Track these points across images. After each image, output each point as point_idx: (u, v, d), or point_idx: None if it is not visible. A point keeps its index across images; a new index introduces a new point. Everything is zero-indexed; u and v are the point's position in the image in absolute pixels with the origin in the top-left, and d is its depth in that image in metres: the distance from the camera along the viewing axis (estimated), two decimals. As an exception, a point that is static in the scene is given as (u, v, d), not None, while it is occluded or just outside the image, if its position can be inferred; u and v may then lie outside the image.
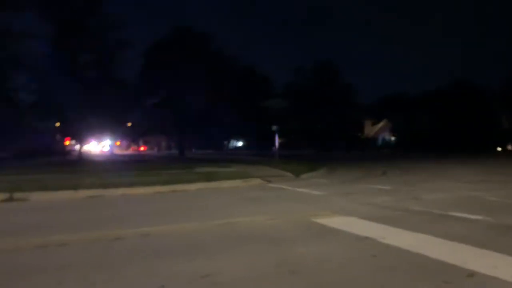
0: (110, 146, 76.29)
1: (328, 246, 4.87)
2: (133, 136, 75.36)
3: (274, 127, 26.13)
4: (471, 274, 3.74)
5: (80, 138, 38.34)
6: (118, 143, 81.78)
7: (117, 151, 73.88)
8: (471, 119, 46.42)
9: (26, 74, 29.89)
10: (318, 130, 62.24)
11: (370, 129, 71.25)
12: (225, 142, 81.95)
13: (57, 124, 40.31)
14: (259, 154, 45.43)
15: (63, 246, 4.99)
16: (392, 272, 3.88)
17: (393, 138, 61.50)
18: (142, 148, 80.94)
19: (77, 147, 42.29)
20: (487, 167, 19.51)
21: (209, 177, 12.82)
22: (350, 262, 4.19)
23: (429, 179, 13.72)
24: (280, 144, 29.64)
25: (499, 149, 45.19)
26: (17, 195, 9.21)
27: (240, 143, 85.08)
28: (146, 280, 3.75)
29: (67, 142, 51.82)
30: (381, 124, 70.69)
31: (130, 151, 75.32)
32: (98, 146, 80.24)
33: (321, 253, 4.55)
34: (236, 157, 36.78)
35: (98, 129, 39.63)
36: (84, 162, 27.74)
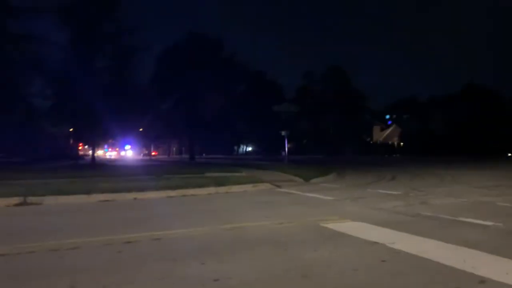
0: (123, 150, 77.02)
1: (338, 250, 4.89)
2: (144, 141, 76.04)
3: (284, 132, 26.14)
4: (483, 280, 3.72)
5: (93, 143, 38.77)
6: (128, 147, 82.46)
7: (130, 156, 74.57)
8: (482, 123, 45.90)
9: (42, 79, 30.34)
10: (328, 135, 62.12)
11: (379, 134, 70.90)
12: (235, 147, 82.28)
13: (71, 130, 40.85)
14: (269, 158, 45.42)
15: (75, 249, 5.08)
16: (402, 277, 3.88)
17: (402, 143, 61.04)
18: (153, 153, 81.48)
19: (90, 152, 42.74)
20: (498, 172, 19.31)
21: (219, 182, 12.89)
22: (359, 267, 4.20)
23: (439, 184, 13.63)
24: (289, 148, 29.66)
25: (510, 154, 44.58)
26: (31, 199, 9.36)
27: (250, 148, 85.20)
28: (158, 283, 3.80)
29: (80, 147, 52.54)
30: (390, 129, 70.31)
31: (141, 156, 75.80)
32: (111, 151, 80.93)
33: (330, 258, 4.57)
34: (246, 161, 36.82)
35: (111, 135, 40.08)
36: (96, 167, 28.01)
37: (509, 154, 44.58)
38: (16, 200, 9.26)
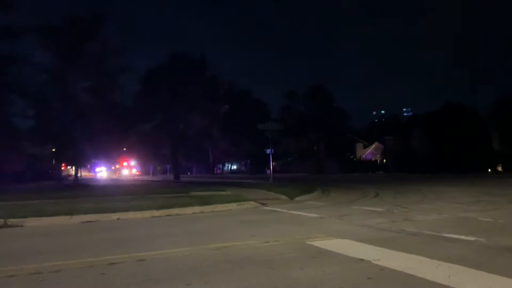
0: (105, 170, 76.09)
1: (324, 268, 4.89)
2: (128, 161, 75.28)
3: (268, 150, 26.21)
4: (466, 295, 3.78)
5: (76, 164, 38.28)
6: (114, 168, 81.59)
7: (112, 176, 73.67)
8: (461, 140, 46.81)
9: (24, 100, 30.00)
10: (312, 152, 62.53)
11: (362, 152, 71.58)
12: (220, 166, 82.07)
13: (53, 150, 40.30)
14: (254, 177, 45.36)
15: (57, 272, 4.97)
16: (387, 294, 3.90)
17: (384, 161, 61.71)
18: (137, 173, 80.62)
19: (73, 172, 42.14)
20: (478, 188, 19.62)
21: (204, 201, 12.82)
22: (346, 285, 4.21)
23: (421, 200, 13.78)
24: (274, 166, 29.68)
25: (490, 170, 45.58)
26: (11, 221, 9.15)
27: (235, 166, 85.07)
28: (143, 305, 3.75)
29: (63, 168, 51.81)
30: (372, 147, 71.10)
31: (124, 176, 74.86)
32: (96, 171, 79.70)
33: (316, 276, 4.58)
34: (231, 180, 36.70)
35: (94, 155, 39.61)
36: (80, 187, 27.56)
37: (489, 170, 45.52)
38: (-5, 222, 9.04)
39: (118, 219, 10.12)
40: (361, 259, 5.22)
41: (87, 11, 31.35)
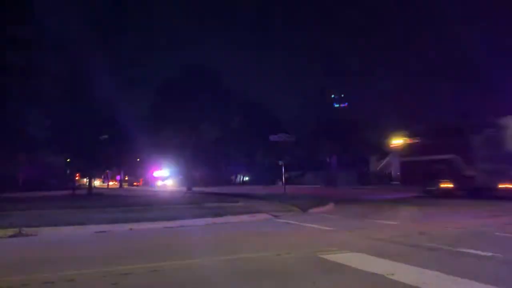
0: (120, 180, 76.94)
1: (336, 282, 4.84)
2: (141, 171, 75.92)
3: (281, 162, 26.16)
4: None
5: (89, 174, 38.77)
6: (126, 178, 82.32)
7: (126, 186, 74.41)
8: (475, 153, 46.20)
9: (40, 111, 30.52)
10: (325, 164, 62.26)
11: (376, 165, 70.87)
12: (232, 177, 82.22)
13: (68, 160, 40.91)
14: (266, 188, 45.24)
15: (71, 282, 5.00)
16: (401, 309, 3.84)
17: (399, 173, 61.06)
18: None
19: (87, 182, 42.69)
20: (493, 202, 19.22)
21: (216, 212, 12.82)
22: (358, 299, 4.15)
23: (437, 214, 13.58)
24: (287, 178, 29.57)
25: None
26: (26, 230, 9.26)
27: (247, 178, 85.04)
28: (154, 316, 3.74)
29: (77, 177, 52.62)
30: (387, 159, 70.38)
31: (136, 186, 75.44)
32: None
33: (329, 290, 4.52)
34: (243, 191, 36.64)
35: (108, 165, 40.12)
36: (93, 197, 27.81)
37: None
38: (11, 231, 9.15)
39: (131, 229, 10.16)
40: (375, 273, 5.14)
41: (102, 23, 31.84)
